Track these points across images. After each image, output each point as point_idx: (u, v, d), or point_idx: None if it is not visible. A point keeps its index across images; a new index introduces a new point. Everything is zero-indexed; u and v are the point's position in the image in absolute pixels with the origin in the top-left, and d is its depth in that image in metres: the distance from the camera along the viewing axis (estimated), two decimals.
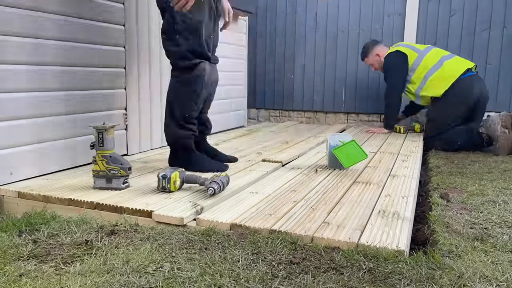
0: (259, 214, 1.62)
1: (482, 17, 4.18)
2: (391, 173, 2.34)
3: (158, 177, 1.86)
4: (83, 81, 2.35)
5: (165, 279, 1.16)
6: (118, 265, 1.25)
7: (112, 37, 2.53)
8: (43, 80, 2.12)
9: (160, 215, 1.59)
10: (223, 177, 1.86)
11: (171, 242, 1.41)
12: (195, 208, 1.64)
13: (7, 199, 1.89)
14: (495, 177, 2.46)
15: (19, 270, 1.23)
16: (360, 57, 4.11)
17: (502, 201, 1.96)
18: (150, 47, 2.87)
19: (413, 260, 1.27)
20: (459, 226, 1.61)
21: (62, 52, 2.20)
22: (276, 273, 1.20)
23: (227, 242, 1.40)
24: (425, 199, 2.14)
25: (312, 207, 1.71)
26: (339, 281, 1.16)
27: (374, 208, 1.72)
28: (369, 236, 1.42)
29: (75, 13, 2.26)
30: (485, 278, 1.19)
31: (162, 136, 3.05)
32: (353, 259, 1.27)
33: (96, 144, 1.89)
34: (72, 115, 2.29)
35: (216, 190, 1.77)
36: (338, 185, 2.06)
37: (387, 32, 4.51)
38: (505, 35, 4.12)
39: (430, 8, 4.34)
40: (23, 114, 2.03)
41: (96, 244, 1.40)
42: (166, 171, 1.87)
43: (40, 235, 1.49)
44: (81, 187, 1.93)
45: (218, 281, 1.15)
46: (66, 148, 2.26)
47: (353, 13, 4.59)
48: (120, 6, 2.58)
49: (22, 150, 2.03)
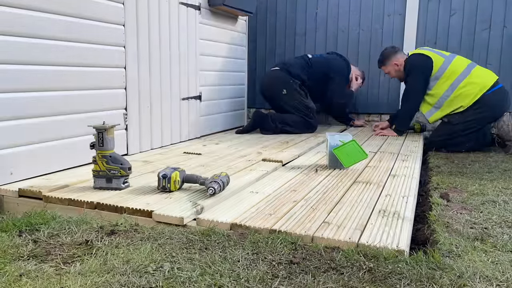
0: (259, 214, 1.62)
1: (482, 16, 4.18)
2: (391, 173, 2.34)
3: (159, 176, 1.86)
4: (83, 81, 2.35)
5: (165, 279, 1.16)
6: (118, 265, 1.25)
7: (112, 37, 2.53)
8: (43, 80, 2.12)
9: (160, 215, 1.59)
10: (223, 177, 1.86)
11: (171, 242, 1.41)
12: (195, 208, 1.64)
13: (7, 199, 1.89)
14: (495, 177, 2.46)
15: (19, 270, 1.23)
16: (378, 64, 3.92)
17: (502, 201, 1.95)
18: (150, 47, 2.87)
19: (413, 260, 1.27)
20: (459, 226, 1.61)
21: (62, 52, 2.20)
22: (276, 273, 1.20)
23: (227, 242, 1.40)
24: (425, 199, 2.14)
25: (312, 207, 1.71)
26: (339, 281, 1.16)
27: (374, 208, 1.72)
28: (369, 236, 1.42)
29: (75, 13, 2.26)
30: (485, 278, 1.19)
31: (162, 136, 3.06)
32: (353, 259, 1.27)
33: (96, 144, 1.89)
34: (72, 115, 2.30)
35: (216, 190, 1.77)
36: (338, 185, 2.06)
37: (387, 32, 4.51)
38: (505, 35, 4.12)
39: (430, 8, 4.34)
40: (23, 114, 2.03)
41: (96, 244, 1.40)
42: (166, 171, 1.87)
43: (40, 235, 1.49)
44: (82, 187, 1.93)
45: (218, 281, 1.15)
46: (66, 148, 2.26)
47: (353, 13, 4.59)
48: (120, 6, 2.58)
49: (22, 150, 2.03)
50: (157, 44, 2.94)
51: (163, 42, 3.00)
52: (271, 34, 4.87)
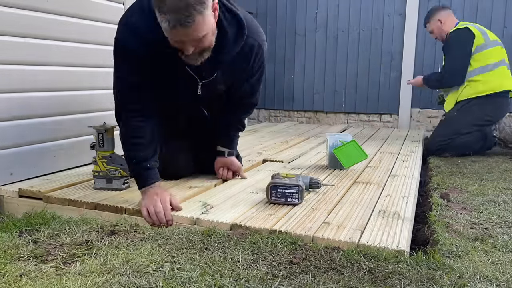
0: (259, 214, 1.62)
1: (482, 17, 4.18)
2: (391, 173, 2.34)
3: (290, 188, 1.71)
4: (83, 81, 2.35)
5: (165, 279, 1.16)
6: (119, 265, 1.25)
7: (112, 36, 2.52)
8: (43, 80, 2.12)
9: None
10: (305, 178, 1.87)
11: (171, 242, 1.41)
12: (206, 207, 1.65)
13: (7, 199, 1.89)
14: (495, 177, 2.46)
15: (19, 270, 1.23)
16: (424, 22, 3.60)
17: (502, 201, 1.95)
18: None
19: (413, 260, 1.27)
20: (460, 226, 1.61)
21: (62, 52, 2.20)
22: (276, 273, 1.20)
23: (228, 242, 1.40)
24: (425, 199, 2.14)
25: (312, 207, 1.71)
26: (339, 281, 1.16)
27: (375, 208, 1.72)
28: (370, 236, 1.42)
29: (76, 13, 2.26)
30: (485, 278, 1.19)
31: None
32: (353, 259, 1.27)
33: (96, 145, 1.89)
34: (73, 115, 2.30)
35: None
36: (338, 185, 2.06)
37: (387, 32, 4.51)
38: (505, 35, 4.12)
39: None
40: (24, 114, 2.03)
41: (96, 244, 1.40)
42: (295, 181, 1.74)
43: (41, 235, 1.49)
44: (82, 188, 1.93)
45: (218, 281, 1.15)
46: (66, 148, 2.26)
47: (353, 13, 4.59)
48: (120, 6, 2.58)
49: (23, 150, 2.03)
50: None
51: None
52: (271, 34, 4.87)
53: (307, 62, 4.81)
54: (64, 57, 2.22)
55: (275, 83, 4.95)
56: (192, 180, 2.08)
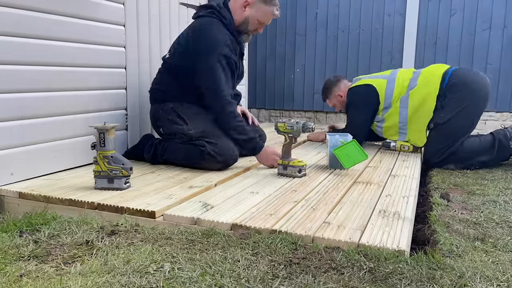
0: (259, 214, 1.62)
1: (483, 17, 4.18)
2: (392, 173, 2.34)
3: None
4: (84, 81, 2.35)
5: (165, 279, 1.16)
6: (119, 265, 1.25)
7: (112, 37, 2.53)
8: (44, 80, 2.12)
9: (171, 215, 1.59)
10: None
11: (172, 242, 1.41)
12: (206, 208, 1.65)
13: (7, 199, 1.89)
14: (495, 177, 2.46)
15: (19, 271, 1.23)
16: (322, 98, 3.43)
17: (503, 201, 1.95)
18: (150, 47, 2.87)
19: (413, 260, 1.27)
20: (460, 226, 1.61)
21: (63, 52, 2.20)
22: (276, 273, 1.20)
23: (228, 242, 1.40)
24: (425, 199, 2.14)
25: (313, 207, 1.71)
26: (339, 281, 1.16)
27: (375, 208, 1.72)
28: (370, 236, 1.42)
29: (75, 13, 2.26)
30: (485, 278, 1.19)
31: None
32: (354, 259, 1.27)
33: (97, 145, 1.89)
34: (73, 115, 2.30)
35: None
36: (339, 185, 2.06)
37: (388, 32, 4.51)
38: (505, 35, 4.12)
39: (430, 8, 4.34)
40: (24, 114, 2.03)
41: (96, 245, 1.40)
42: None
43: (41, 235, 1.49)
44: (82, 188, 1.93)
45: (218, 281, 1.15)
46: (67, 148, 2.26)
47: (353, 13, 4.59)
48: (120, 6, 2.58)
49: (23, 150, 2.03)
50: (158, 45, 2.94)
51: (163, 43, 3.00)
52: (271, 34, 4.87)
53: (307, 62, 4.81)
54: (64, 57, 2.22)
55: (275, 83, 4.95)
56: (192, 180, 2.09)
